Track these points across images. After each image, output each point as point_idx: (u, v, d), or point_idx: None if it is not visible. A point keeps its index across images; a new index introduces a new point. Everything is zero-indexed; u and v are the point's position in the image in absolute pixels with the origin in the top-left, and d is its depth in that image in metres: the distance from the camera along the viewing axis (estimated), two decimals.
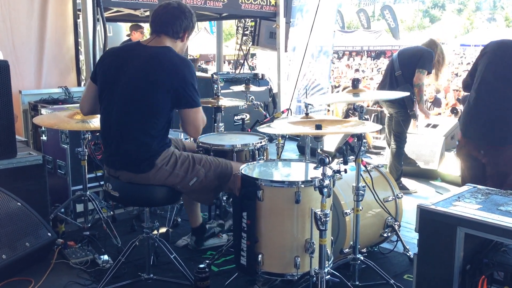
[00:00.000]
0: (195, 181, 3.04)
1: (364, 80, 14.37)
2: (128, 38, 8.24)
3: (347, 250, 3.26)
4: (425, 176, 5.91)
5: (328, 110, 10.35)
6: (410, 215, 4.18)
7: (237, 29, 9.71)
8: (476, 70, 3.88)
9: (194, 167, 3.05)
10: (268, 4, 7.69)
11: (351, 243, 3.23)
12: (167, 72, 2.86)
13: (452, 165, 5.69)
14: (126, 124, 2.93)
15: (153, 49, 2.96)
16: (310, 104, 3.97)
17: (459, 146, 3.99)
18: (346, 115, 9.61)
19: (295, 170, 3.21)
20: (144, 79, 2.87)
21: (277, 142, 4.17)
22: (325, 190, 2.54)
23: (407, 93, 4.29)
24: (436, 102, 10.59)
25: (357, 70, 20.12)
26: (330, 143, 6.49)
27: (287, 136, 4.96)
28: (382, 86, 5.45)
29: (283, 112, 4.39)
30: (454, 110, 8.89)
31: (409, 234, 3.97)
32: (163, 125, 2.94)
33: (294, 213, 2.77)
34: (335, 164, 2.78)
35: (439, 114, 9.86)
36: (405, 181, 5.50)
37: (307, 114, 3.89)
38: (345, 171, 2.75)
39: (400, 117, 5.27)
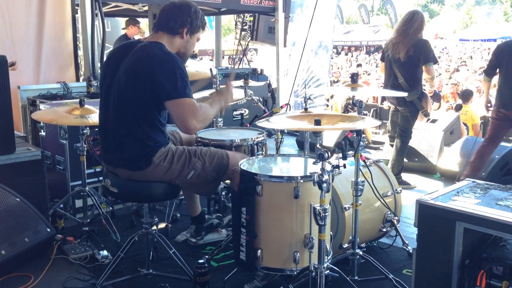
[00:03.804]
0: (193, 174, 3.03)
1: (363, 76, 14.34)
2: (124, 33, 8.18)
3: (346, 245, 3.26)
4: (424, 171, 5.91)
5: (327, 105, 10.34)
6: (409, 210, 4.18)
7: (236, 24, 9.68)
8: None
9: (190, 160, 3.04)
10: None
11: (350, 238, 3.23)
12: (147, 64, 2.82)
13: (451, 160, 5.69)
14: (121, 121, 2.92)
15: (142, 44, 2.95)
16: (309, 99, 3.96)
17: (500, 119, 5.04)
18: (345, 110, 9.60)
19: (294, 165, 3.21)
20: (131, 75, 2.87)
21: (276, 137, 4.16)
22: (324, 185, 2.54)
23: (405, 94, 4.63)
24: (436, 97, 10.58)
25: (359, 65, 20.01)
26: (329, 138, 6.49)
27: (286, 131, 4.96)
28: (390, 101, 5.44)
29: (282, 107, 4.38)
30: (459, 107, 8.81)
31: (408, 229, 3.98)
32: (156, 121, 2.92)
33: (293, 208, 2.77)
34: (334, 159, 2.78)
35: (439, 107, 9.85)
36: (404, 176, 5.50)
37: (306, 109, 3.89)
38: (344, 166, 2.75)
39: (409, 113, 5.25)
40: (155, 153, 2.94)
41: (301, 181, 2.74)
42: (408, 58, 5.09)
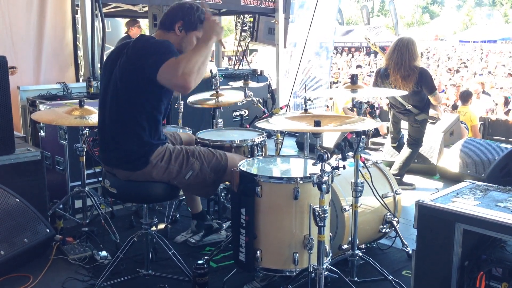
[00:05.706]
0: (191, 174, 3.03)
1: (361, 77, 14.34)
2: (126, 34, 8.20)
3: (345, 246, 3.26)
4: (424, 172, 5.91)
5: (327, 106, 10.33)
6: (409, 211, 4.19)
7: (236, 25, 9.68)
8: None
9: (188, 160, 3.04)
10: (267, 0, 7.69)
11: (350, 239, 3.23)
12: (136, 55, 2.84)
13: (451, 161, 5.69)
14: (118, 118, 2.92)
15: (135, 38, 3.00)
16: (309, 100, 3.96)
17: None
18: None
19: (294, 166, 3.20)
20: (125, 71, 2.88)
21: (275, 138, 4.16)
22: (324, 186, 2.54)
23: (406, 92, 4.61)
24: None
25: (359, 66, 20.02)
26: (329, 139, 6.48)
27: (286, 132, 4.96)
28: (398, 116, 5.46)
29: (281, 108, 4.38)
30: (455, 107, 8.86)
31: (408, 230, 3.97)
32: (153, 116, 2.91)
33: (293, 209, 2.77)
34: (334, 160, 2.78)
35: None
36: (404, 177, 5.49)
37: (306, 110, 3.88)
38: (344, 167, 2.75)
39: (420, 125, 5.29)
40: (152, 153, 2.93)
41: (301, 182, 2.74)
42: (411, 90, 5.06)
